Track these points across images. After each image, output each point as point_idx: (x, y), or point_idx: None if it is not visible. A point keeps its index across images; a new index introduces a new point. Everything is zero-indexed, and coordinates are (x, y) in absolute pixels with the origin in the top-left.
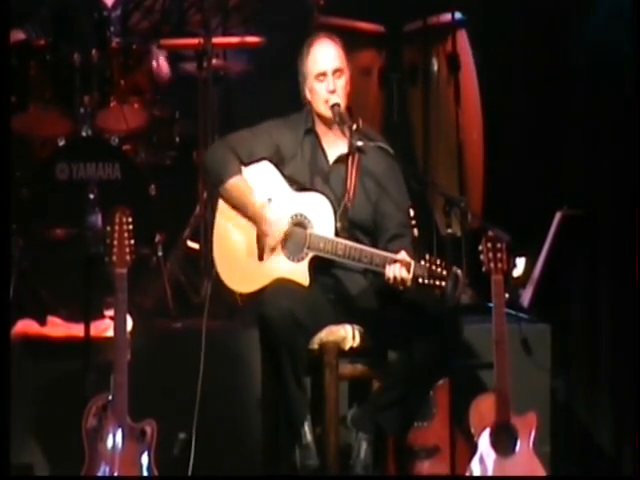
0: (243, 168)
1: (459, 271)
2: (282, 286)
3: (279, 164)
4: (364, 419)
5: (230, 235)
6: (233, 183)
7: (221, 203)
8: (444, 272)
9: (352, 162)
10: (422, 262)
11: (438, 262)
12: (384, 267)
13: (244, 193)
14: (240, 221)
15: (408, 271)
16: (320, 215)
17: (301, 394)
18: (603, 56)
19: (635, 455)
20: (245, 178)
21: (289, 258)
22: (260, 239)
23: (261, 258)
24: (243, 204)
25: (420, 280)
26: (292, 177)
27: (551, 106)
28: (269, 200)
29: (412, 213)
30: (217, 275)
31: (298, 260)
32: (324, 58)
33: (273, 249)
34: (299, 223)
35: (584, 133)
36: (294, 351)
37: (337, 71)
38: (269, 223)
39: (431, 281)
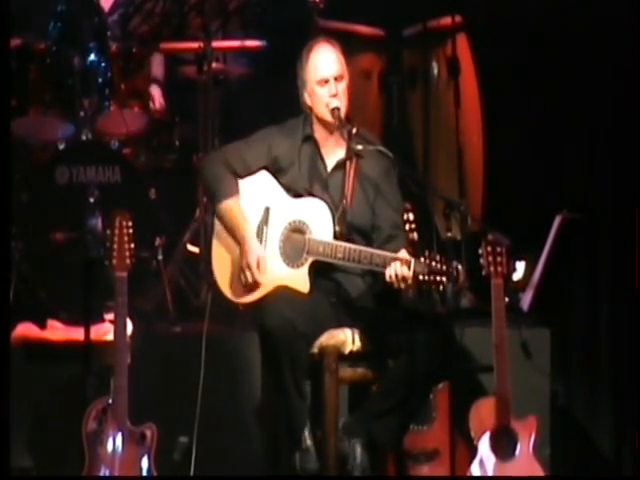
0: (240, 180)
1: (459, 265)
2: (282, 295)
3: (277, 173)
4: (356, 426)
5: (229, 245)
6: (226, 206)
7: None
8: (444, 267)
9: (350, 167)
10: (422, 259)
11: (437, 258)
12: (384, 267)
13: (235, 221)
14: None
15: (409, 268)
16: (318, 220)
17: (301, 402)
18: (603, 58)
19: (635, 458)
20: (239, 202)
21: (288, 265)
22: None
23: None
24: (233, 232)
25: (421, 277)
26: (290, 185)
27: (550, 109)
28: (267, 209)
29: (412, 217)
30: (217, 286)
31: (298, 266)
32: (325, 64)
33: (247, 286)
34: (297, 229)
35: (584, 136)
36: (295, 360)
37: (338, 77)
38: (251, 261)
39: (431, 277)
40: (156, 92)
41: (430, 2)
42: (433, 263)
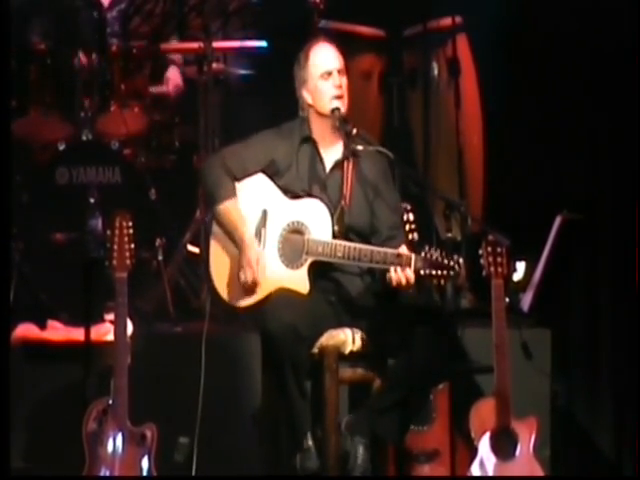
0: (237, 184)
1: (460, 259)
2: (283, 298)
3: (274, 175)
4: (360, 424)
5: (227, 248)
6: (224, 208)
7: None
8: (444, 261)
9: (348, 167)
10: (422, 254)
11: (438, 252)
12: (384, 264)
13: (234, 222)
14: None
15: (410, 266)
16: (317, 220)
17: (304, 404)
18: (603, 57)
19: (635, 458)
20: (237, 204)
21: (288, 266)
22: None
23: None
24: (231, 233)
25: (422, 272)
26: (287, 187)
27: (551, 110)
28: (264, 212)
29: (412, 217)
30: (215, 291)
31: (297, 267)
32: (327, 59)
33: (246, 285)
34: (296, 230)
35: (584, 137)
36: (296, 364)
37: (341, 70)
38: (251, 259)
39: (433, 271)
40: (173, 74)
41: (430, 2)
42: (434, 257)
